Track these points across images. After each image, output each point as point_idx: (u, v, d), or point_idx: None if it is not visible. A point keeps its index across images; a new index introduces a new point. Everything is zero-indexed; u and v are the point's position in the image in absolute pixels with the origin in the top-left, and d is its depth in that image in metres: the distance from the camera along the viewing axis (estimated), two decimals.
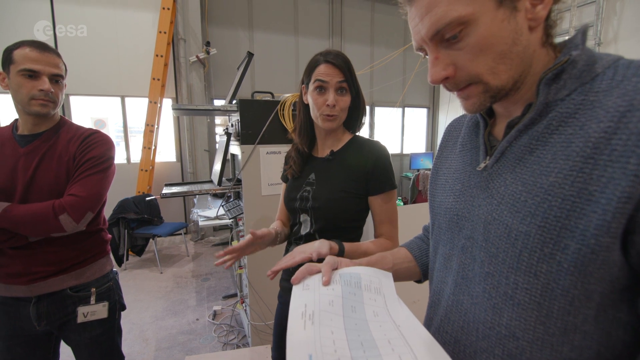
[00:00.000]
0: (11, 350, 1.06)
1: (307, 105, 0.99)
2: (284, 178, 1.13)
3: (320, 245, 0.78)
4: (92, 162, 1.05)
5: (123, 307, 1.22)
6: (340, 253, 0.90)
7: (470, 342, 0.48)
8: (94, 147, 1.07)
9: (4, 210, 0.93)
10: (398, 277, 0.69)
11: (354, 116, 1.01)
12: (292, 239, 1.06)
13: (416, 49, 0.47)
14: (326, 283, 0.54)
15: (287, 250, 1.06)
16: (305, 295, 0.52)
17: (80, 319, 1.08)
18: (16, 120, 1.08)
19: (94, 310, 1.10)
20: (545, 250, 0.40)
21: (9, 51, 0.98)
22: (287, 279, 1.04)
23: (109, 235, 1.20)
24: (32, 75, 0.97)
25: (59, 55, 1.04)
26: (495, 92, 0.44)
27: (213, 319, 2.58)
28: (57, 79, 1.02)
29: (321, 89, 0.92)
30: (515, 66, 0.42)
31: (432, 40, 0.43)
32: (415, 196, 5.76)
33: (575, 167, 0.39)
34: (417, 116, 6.88)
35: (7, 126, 1.08)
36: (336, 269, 0.60)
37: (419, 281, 0.73)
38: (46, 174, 1.02)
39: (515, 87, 0.44)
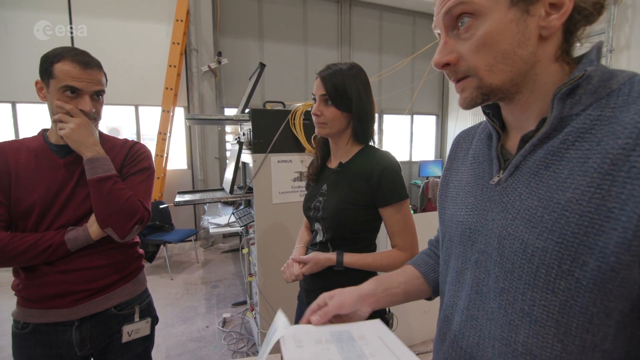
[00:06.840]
0: None
1: None
2: (307, 185, 1.19)
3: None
4: (143, 174, 1.06)
5: (157, 320, 1.18)
6: (338, 265, 0.96)
7: (486, 359, 0.48)
8: (142, 158, 1.07)
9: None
10: (409, 296, 0.68)
11: (357, 128, 1.01)
12: (309, 244, 1.11)
13: (434, 28, 0.49)
14: (317, 322, 0.58)
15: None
16: (299, 354, 0.50)
17: (125, 338, 1.03)
18: (44, 130, 1.02)
19: (138, 328, 1.06)
20: (563, 267, 0.39)
21: (49, 62, 0.90)
22: (306, 280, 1.08)
23: (142, 250, 1.16)
24: (73, 92, 0.92)
25: (101, 67, 0.97)
26: (487, 89, 0.45)
27: (223, 327, 2.59)
28: (98, 94, 0.97)
29: (314, 100, 1.01)
30: (516, 70, 0.43)
31: (443, 21, 0.46)
32: (425, 204, 5.71)
33: (592, 183, 0.38)
34: (426, 123, 6.86)
35: (33, 137, 1.00)
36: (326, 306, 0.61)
37: (429, 299, 0.71)
38: (87, 187, 0.96)
39: (513, 91, 0.45)
